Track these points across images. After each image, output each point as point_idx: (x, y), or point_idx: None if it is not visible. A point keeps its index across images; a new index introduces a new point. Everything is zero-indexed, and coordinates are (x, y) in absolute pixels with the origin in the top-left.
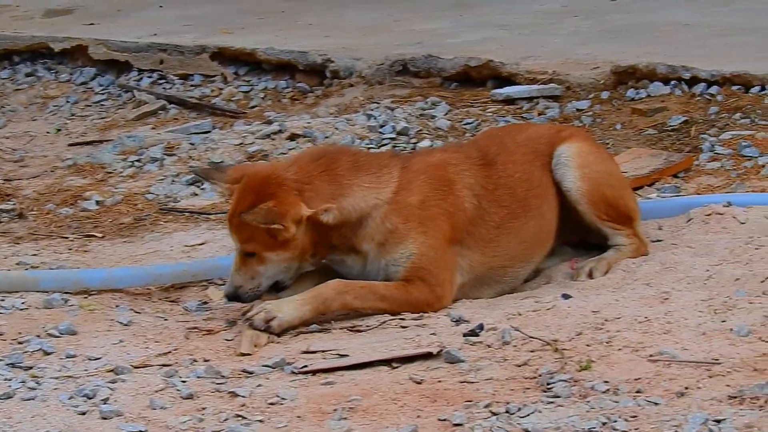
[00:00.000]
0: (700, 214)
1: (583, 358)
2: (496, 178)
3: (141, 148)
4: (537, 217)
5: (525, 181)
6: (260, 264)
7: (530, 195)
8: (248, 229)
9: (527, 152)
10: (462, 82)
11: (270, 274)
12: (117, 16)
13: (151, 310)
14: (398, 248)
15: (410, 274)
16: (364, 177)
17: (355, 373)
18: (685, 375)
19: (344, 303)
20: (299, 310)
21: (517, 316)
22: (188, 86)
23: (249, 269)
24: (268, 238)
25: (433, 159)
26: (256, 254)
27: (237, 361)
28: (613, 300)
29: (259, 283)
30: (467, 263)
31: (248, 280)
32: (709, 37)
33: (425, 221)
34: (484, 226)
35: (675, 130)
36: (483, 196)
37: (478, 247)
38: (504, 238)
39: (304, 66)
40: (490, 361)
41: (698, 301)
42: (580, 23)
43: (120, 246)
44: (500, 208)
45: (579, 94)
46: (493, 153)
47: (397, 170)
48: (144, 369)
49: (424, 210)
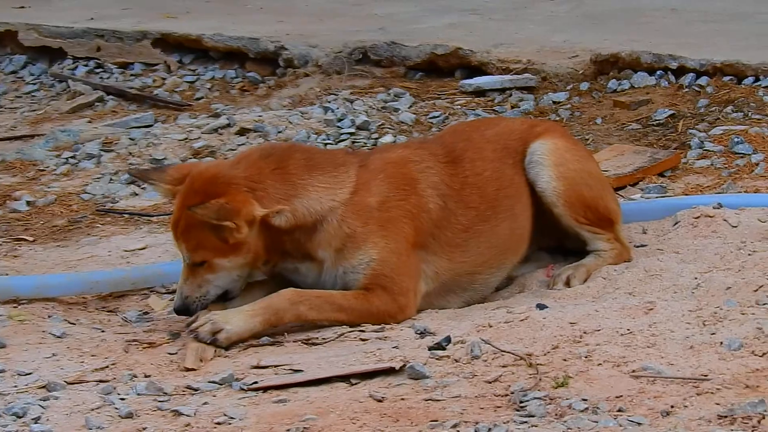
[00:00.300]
0: (688, 217)
1: (559, 373)
2: (463, 176)
3: (76, 143)
4: (509, 219)
5: (495, 180)
6: (210, 272)
7: (501, 195)
8: (197, 235)
9: (497, 149)
10: (428, 71)
11: (220, 283)
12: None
13: (87, 320)
14: (357, 254)
15: (370, 282)
16: (319, 176)
17: (310, 390)
18: (670, 392)
19: (298, 314)
20: (249, 321)
21: (487, 328)
22: (128, 76)
23: (197, 279)
24: (218, 243)
25: (394, 156)
26: (207, 262)
27: (181, 376)
28: (592, 310)
29: (207, 291)
30: (432, 270)
31: (196, 288)
32: (697, 23)
33: (386, 224)
34: (451, 229)
35: (661, 125)
36: (449, 196)
37: (444, 252)
38: (473, 242)
39: (255, 54)
40: (457, 377)
41: (685, 311)
42: (556, 8)
43: (53, 251)
44: (468, 210)
45: (556, 86)
46: (460, 150)
47: (355, 169)
48: (79, 385)
49: (385, 212)
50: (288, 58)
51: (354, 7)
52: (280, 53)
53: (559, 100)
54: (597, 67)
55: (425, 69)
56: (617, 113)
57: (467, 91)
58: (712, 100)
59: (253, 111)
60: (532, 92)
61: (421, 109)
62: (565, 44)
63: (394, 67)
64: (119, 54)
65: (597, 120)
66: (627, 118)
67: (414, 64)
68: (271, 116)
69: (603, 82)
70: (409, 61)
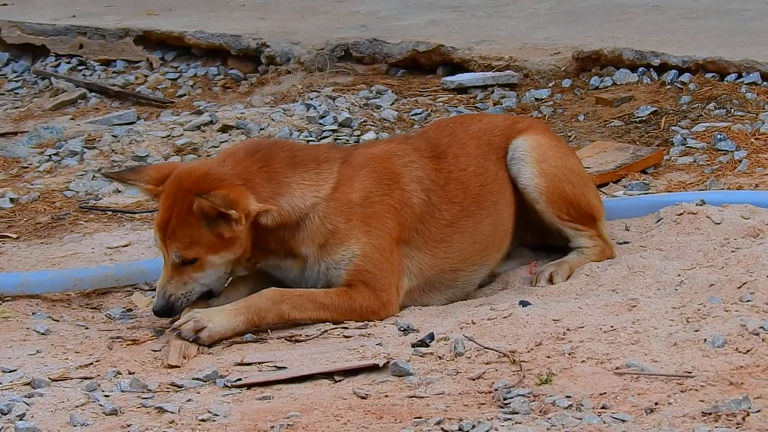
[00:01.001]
0: (671, 214)
1: (543, 370)
2: (447, 172)
3: (59, 140)
4: (492, 215)
5: (479, 175)
6: (199, 270)
7: (485, 191)
8: (190, 232)
9: (481, 145)
10: (410, 68)
11: (206, 281)
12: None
13: (71, 318)
14: (339, 249)
15: (352, 278)
16: (303, 174)
17: (294, 387)
18: (654, 389)
19: (280, 313)
20: (231, 320)
21: (470, 325)
22: (110, 73)
23: (183, 277)
24: (212, 239)
25: (377, 150)
26: (198, 260)
27: (165, 373)
28: (575, 307)
29: (192, 289)
30: (416, 265)
31: (180, 286)
32: (680, 19)
33: (369, 219)
34: (435, 224)
35: (643, 122)
36: (433, 191)
37: (427, 248)
38: (456, 238)
39: (237, 51)
40: (441, 374)
41: (669, 308)
42: (538, 4)
43: (36, 248)
44: (452, 205)
45: (538, 82)
46: (444, 145)
47: (337, 164)
48: (63, 382)
49: (368, 207)
50: (270, 56)
51: (336, 4)
52: (262, 50)
53: (541, 97)
54: (579, 64)
55: (407, 66)
56: (600, 110)
57: (449, 88)
58: (695, 97)
59: (236, 108)
60: (514, 89)
61: (403, 106)
62: (547, 41)
63: (376, 64)
64: (102, 51)
65: (579, 117)
66: (609, 115)
67: (396, 62)
68: (253, 113)
69: (585, 79)
70: (391, 58)
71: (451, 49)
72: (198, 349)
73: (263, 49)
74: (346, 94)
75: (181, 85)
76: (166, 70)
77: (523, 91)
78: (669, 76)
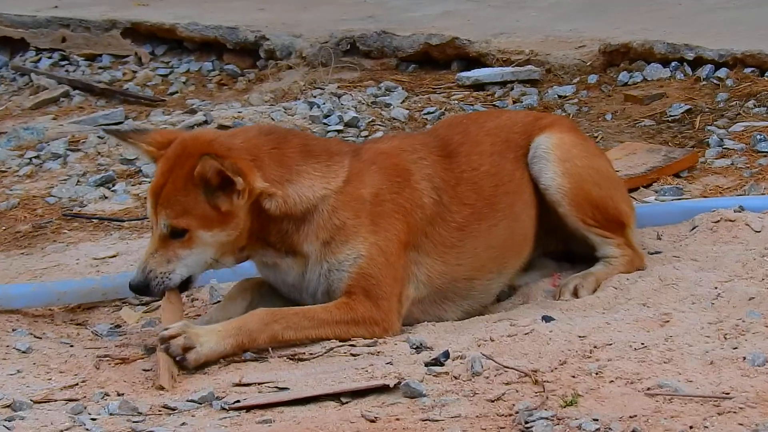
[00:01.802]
0: (707, 221)
1: (568, 391)
2: (459, 171)
3: (40, 142)
4: (508, 218)
5: (492, 175)
6: (186, 246)
7: (499, 192)
8: (184, 200)
9: (497, 142)
10: (422, 63)
11: (190, 261)
12: None
13: (54, 334)
14: (344, 248)
15: (355, 283)
16: (315, 164)
17: (297, 409)
18: (689, 412)
19: (273, 335)
20: (220, 343)
21: (489, 342)
22: (95, 69)
23: (167, 252)
24: (208, 211)
25: (384, 146)
26: (188, 233)
27: (156, 395)
28: (603, 323)
29: (173, 270)
30: (424, 273)
31: (163, 263)
32: (716, 9)
33: (377, 218)
34: (445, 227)
35: (676, 121)
36: (444, 191)
37: (437, 253)
38: (468, 243)
39: (234, 45)
40: (457, 396)
41: (705, 324)
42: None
43: (16, 258)
44: (463, 207)
45: (561, 78)
46: (456, 143)
47: (348, 158)
48: (47, 404)
49: (377, 205)
50: (269, 49)
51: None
52: (260, 44)
53: (565, 94)
54: (606, 59)
55: (419, 61)
56: (629, 108)
57: (465, 85)
58: (733, 94)
59: (232, 107)
60: (535, 86)
61: (414, 104)
62: (571, 33)
63: (385, 58)
64: (86, 45)
65: (607, 116)
66: (639, 114)
67: (407, 56)
68: (251, 112)
69: (613, 75)
70: (402, 52)
71: (466, 42)
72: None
73: (262, 42)
74: (353, 91)
75: (172, 81)
76: (157, 65)
77: (545, 87)
78: (704, 71)
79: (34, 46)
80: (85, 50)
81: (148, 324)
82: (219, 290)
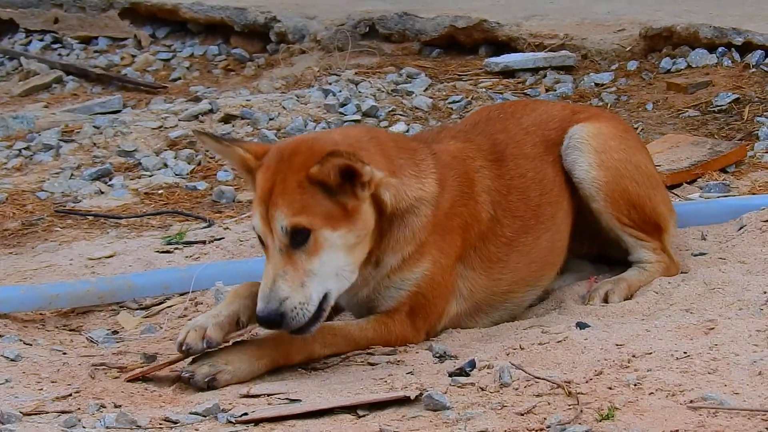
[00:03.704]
0: (756, 220)
1: (604, 404)
2: (508, 178)
3: (30, 132)
4: (551, 230)
5: (538, 182)
6: (314, 253)
7: (544, 201)
8: (302, 197)
9: (536, 142)
10: (447, 48)
11: (324, 272)
12: None
13: (46, 341)
14: (414, 266)
15: (405, 302)
16: (407, 159)
17: (310, 423)
18: (735, 426)
19: (310, 353)
20: (253, 364)
21: (518, 351)
22: (91, 52)
23: (298, 270)
24: (331, 208)
25: (452, 148)
26: (311, 234)
27: (157, 407)
28: (642, 330)
29: (309, 294)
30: (467, 288)
31: (296, 288)
32: None
33: (445, 234)
34: (494, 242)
35: (723, 112)
36: (498, 204)
37: (483, 268)
38: (513, 257)
39: (242, 27)
40: (484, 408)
41: (753, 331)
42: None
43: (4, 258)
44: (513, 219)
45: (598, 65)
46: (501, 143)
47: (431, 159)
48: (37, 417)
49: (449, 219)
50: (281, 32)
51: None
52: (271, 26)
53: (602, 82)
54: (647, 43)
55: (444, 45)
56: (672, 98)
57: (493, 72)
58: None
59: (240, 94)
60: (570, 72)
61: (438, 93)
62: (609, 16)
63: (407, 42)
64: (80, 27)
65: (647, 106)
66: (683, 104)
67: (430, 39)
68: (261, 100)
69: (654, 61)
70: (425, 35)
71: (495, 25)
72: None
73: (273, 24)
74: (371, 77)
75: (175, 66)
76: (158, 49)
77: (580, 74)
78: (754, 58)
79: (24, 28)
80: (79, 32)
81: (147, 330)
82: (225, 293)
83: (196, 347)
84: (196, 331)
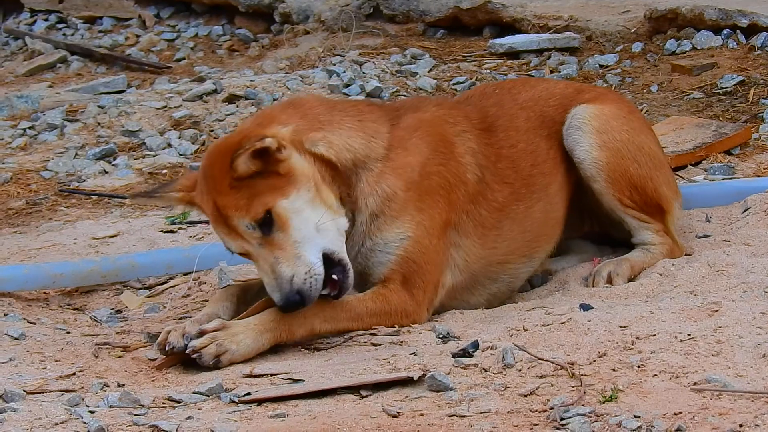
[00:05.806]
0: (761, 203)
1: (607, 386)
2: (498, 147)
3: (35, 111)
4: (543, 200)
5: (530, 153)
6: (285, 228)
7: (536, 172)
8: (245, 191)
9: (531, 117)
10: (451, 29)
11: (306, 236)
12: None
13: (50, 320)
14: (393, 226)
15: (397, 268)
16: (344, 116)
17: (313, 403)
18: (739, 408)
19: (311, 329)
20: (256, 340)
21: (521, 332)
22: (95, 32)
23: (285, 250)
24: (270, 182)
25: (426, 115)
26: (271, 213)
27: (160, 386)
28: (646, 312)
29: (309, 261)
30: (462, 257)
31: (293, 261)
32: None
33: (423, 194)
34: (486, 207)
35: (728, 94)
36: (486, 168)
37: (477, 235)
38: (506, 225)
39: (246, 7)
40: (487, 389)
41: (757, 314)
42: None
43: (8, 238)
44: (504, 186)
45: (603, 46)
46: (492, 116)
47: (386, 122)
48: (41, 395)
49: (424, 178)
50: (285, 12)
51: None
52: (275, 6)
53: (607, 64)
54: (652, 25)
55: (448, 26)
56: (676, 79)
57: (498, 53)
58: None
59: (244, 74)
60: (574, 54)
61: (442, 74)
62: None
63: (411, 23)
64: (85, 6)
65: (652, 87)
66: (688, 86)
67: (435, 20)
68: (265, 81)
69: (659, 43)
70: (429, 16)
71: (500, 6)
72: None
73: (277, 4)
74: (375, 58)
75: (179, 46)
76: (162, 29)
77: (585, 56)
78: (759, 40)
79: (29, 7)
80: (84, 12)
81: (151, 309)
82: (229, 273)
83: (178, 345)
84: (176, 330)
